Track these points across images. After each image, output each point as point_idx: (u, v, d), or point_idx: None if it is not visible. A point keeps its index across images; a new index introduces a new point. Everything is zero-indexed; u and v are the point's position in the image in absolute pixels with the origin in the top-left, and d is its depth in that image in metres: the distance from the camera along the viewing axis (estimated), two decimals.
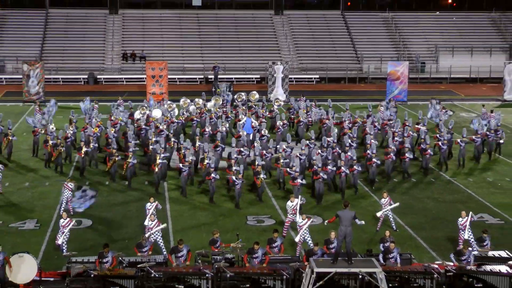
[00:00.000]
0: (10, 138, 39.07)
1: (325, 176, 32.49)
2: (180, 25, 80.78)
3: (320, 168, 32.49)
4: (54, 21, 79.67)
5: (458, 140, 38.63)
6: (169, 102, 48.16)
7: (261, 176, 32.48)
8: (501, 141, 40.98)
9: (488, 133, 40.45)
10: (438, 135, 39.08)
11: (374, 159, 34.83)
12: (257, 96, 50.68)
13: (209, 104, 47.68)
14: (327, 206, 31.81)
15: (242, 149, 36.17)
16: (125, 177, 35.21)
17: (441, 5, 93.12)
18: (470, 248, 24.22)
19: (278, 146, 36.70)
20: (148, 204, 27.71)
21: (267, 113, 44.91)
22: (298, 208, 27.39)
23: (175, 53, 76.27)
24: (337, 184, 33.97)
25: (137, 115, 44.18)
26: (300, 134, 42.59)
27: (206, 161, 33.91)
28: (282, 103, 49.71)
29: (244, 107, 46.66)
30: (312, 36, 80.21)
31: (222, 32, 79.64)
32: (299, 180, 31.40)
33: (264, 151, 35.72)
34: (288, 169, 32.64)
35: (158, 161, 34.01)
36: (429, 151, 36.83)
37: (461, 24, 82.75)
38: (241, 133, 39.19)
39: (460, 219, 26.49)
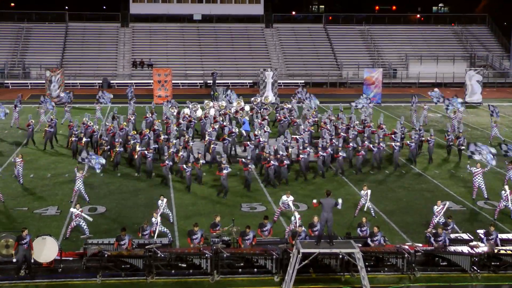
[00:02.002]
0: (47, 129, 40.53)
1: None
2: (182, 36, 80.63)
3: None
4: (73, 33, 79.52)
5: (427, 138, 38.51)
6: (193, 103, 47.82)
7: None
8: (462, 147, 38.29)
9: (429, 138, 38.50)
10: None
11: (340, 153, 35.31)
12: (270, 99, 50.41)
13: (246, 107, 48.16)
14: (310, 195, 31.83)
15: (249, 143, 36.70)
16: (115, 162, 36.04)
17: (411, 20, 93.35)
18: (444, 231, 24.23)
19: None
20: (159, 201, 27.40)
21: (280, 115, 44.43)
22: (291, 205, 27.28)
23: (178, 61, 76.07)
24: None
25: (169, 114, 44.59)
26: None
27: (181, 153, 34.25)
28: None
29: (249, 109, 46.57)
30: (298, 46, 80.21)
31: (219, 43, 79.57)
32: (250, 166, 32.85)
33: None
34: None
35: (138, 149, 34.78)
36: (362, 152, 35.75)
37: (428, 36, 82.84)
38: (256, 132, 38.72)
39: (435, 206, 26.47)
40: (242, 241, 23.52)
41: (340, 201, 22.28)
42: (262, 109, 46.71)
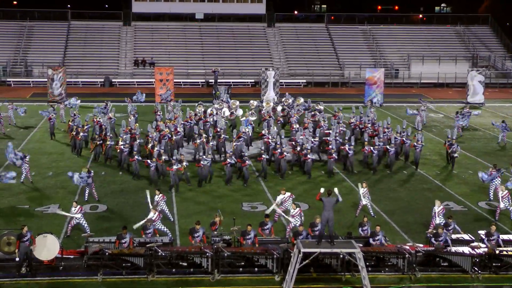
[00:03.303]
0: (71, 124, 41.36)
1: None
2: (184, 35, 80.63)
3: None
4: (75, 32, 79.51)
5: (414, 143, 37.29)
6: (218, 102, 48.02)
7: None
8: (455, 155, 37.25)
9: (415, 144, 36.97)
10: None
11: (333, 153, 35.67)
12: (301, 100, 50.29)
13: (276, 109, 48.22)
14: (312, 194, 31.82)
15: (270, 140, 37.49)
16: (106, 155, 37.14)
17: (413, 20, 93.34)
18: (445, 231, 24.22)
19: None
20: (156, 196, 27.56)
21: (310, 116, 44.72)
22: (289, 201, 27.25)
23: (180, 60, 76.11)
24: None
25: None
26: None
27: (156, 148, 34.46)
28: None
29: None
30: (300, 45, 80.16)
31: (221, 42, 79.56)
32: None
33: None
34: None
35: (120, 143, 35.69)
36: (333, 155, 35.40)
37: (430, 36, 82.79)
38: (263, 132, 39.52)
39: (435, 207, 26.42)
40: (244, 240, 23.51)
41: (336, 190, 22.17)
42: (292, 110, 46.85)
